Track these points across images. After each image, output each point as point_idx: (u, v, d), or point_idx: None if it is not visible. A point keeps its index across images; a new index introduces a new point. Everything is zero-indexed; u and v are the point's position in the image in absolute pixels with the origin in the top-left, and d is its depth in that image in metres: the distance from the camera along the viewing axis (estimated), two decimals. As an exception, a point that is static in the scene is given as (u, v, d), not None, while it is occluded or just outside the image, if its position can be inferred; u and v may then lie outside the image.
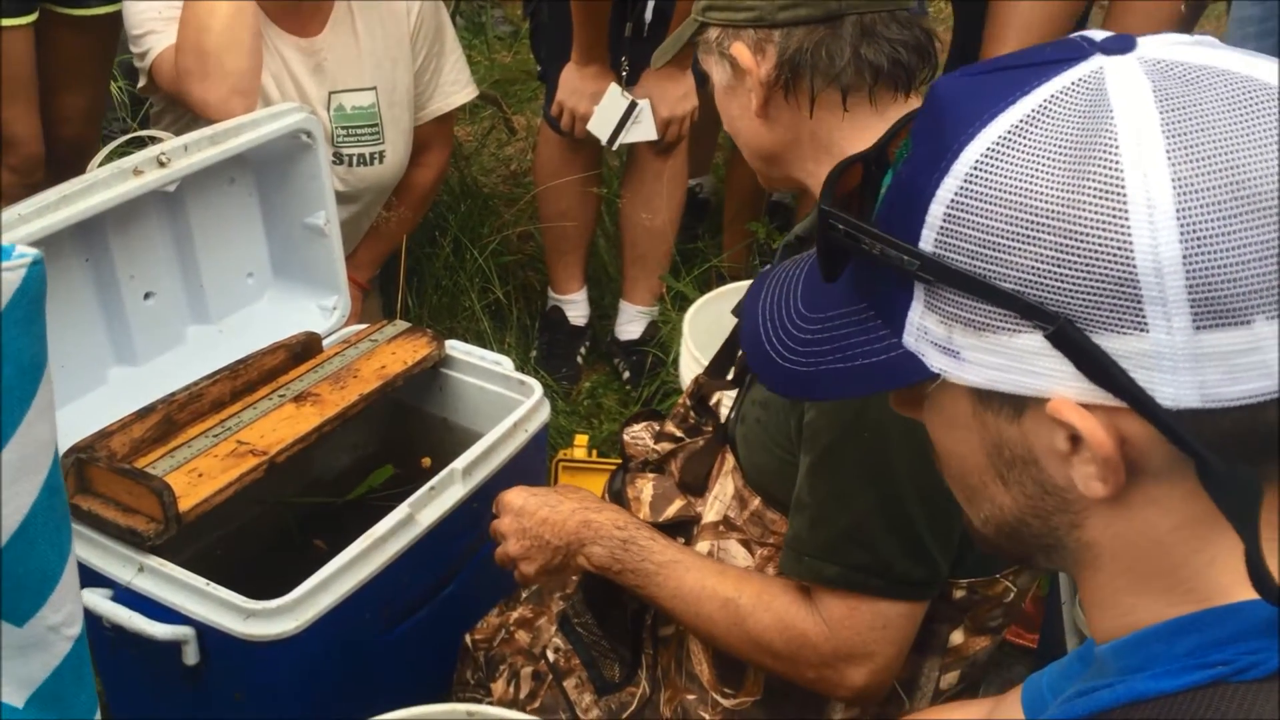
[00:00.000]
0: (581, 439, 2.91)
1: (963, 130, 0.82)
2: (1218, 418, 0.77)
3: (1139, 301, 0.76)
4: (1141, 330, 0.76)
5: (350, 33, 2.90)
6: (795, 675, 1.61)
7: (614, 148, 3.25)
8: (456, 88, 3.19)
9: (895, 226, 0.85)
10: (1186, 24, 3.31)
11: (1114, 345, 0.77)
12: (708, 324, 2.70)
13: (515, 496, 1.78)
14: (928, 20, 1.65)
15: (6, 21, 2.76)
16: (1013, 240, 0.79)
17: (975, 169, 0.80)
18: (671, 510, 1.82)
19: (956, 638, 1.67)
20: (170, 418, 2.07)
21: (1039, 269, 0.78)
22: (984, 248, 0.80)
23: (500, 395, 2.33)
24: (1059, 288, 0.78)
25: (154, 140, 2.13)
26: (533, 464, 2.26)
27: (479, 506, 2.09)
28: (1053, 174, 0.78)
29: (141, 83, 2.78)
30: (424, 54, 3.07)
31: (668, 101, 3.16)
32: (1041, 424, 0.82)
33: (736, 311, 1.82)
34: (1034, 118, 0.80)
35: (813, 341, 0.94)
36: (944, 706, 1.61)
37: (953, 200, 0.81)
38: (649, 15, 3.13)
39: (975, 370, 0.83)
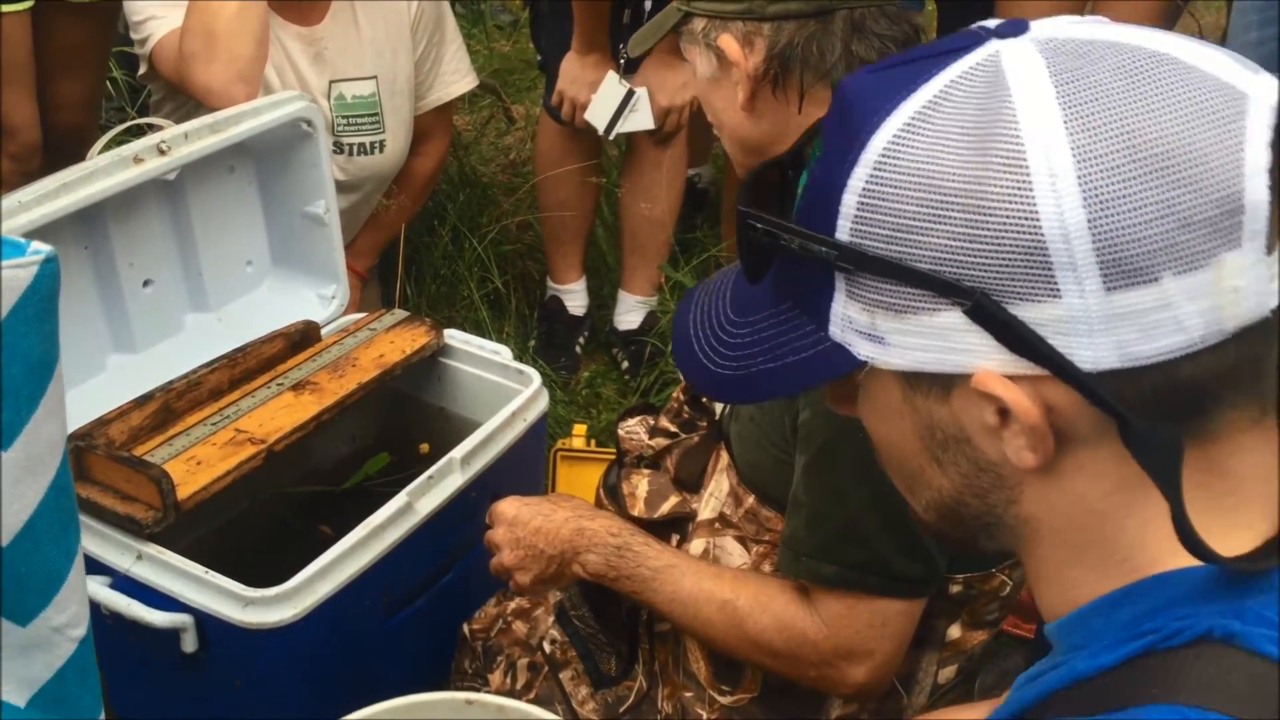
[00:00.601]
0: (580, 429, 2.91)
1: (869, 121, 0.84)
2: (1136, 377, 0.79)
3: (1050, 269, 0.78)
4: (1055, 297, 0.78)
5: (351, 22, 2.90)
6: (796, 674, 1.61)
7: (610, 137, 3.24)
8: (457, 77, 3.18)
9: (812, 220, 0.87)
10: (1169, 19, 3.30)
11: (1030, 314, 0.79)
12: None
13: (508, 506, 1.77)
14: (919, 15, 1.65)
15: (4, 7, 2.76)
16: (924, 221, 0.81)
17: (883, 156, 0.82)
18: (666, 507, 1.82)
19: (954, 632, 1.67)
20: (169, 406, 2.08)
21: (952, 246, 0.80)
22: (898, 231, 0.82)
23: (499, 384, 2.33)
24: (973, 263, 0.79)
25: (153, 128, 2.13)
26: (531, 453, 2.27)
27: (477, 496, 2.10)
28: (957, 154, 0.80)
29: (142, 70, 2.77)
30: (424, 43, 3.07)
31: (666, 90, 3.16)
32: (970, 401, 0.84)
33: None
34: (936, 103, 0.82)
35: (742, 345, 0.96)
36: (949, 709, 1.61)
37: (864, 189, 0.83)
38: (649, 3, 3.12)
39: (900, 354, 0.85)
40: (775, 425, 1.60)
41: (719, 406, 1.87)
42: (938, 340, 0.83)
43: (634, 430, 2.01)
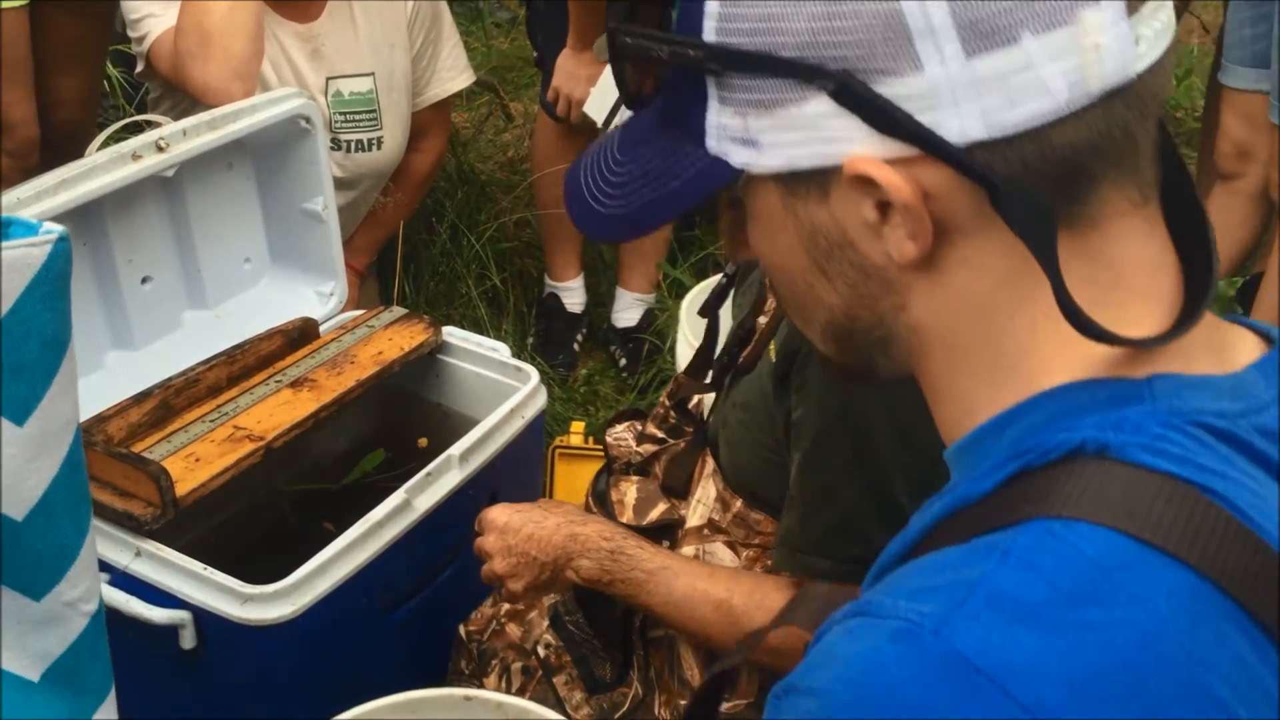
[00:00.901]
0: (578, 426, 2.91)
1: None
2: (1006, 149, 0.79)
3: (909, 39, 0.78)
4: (917, 68, 0.78)
5: (348, 19, 2.90)
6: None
7: (609, 130, 3.24)
8: (454, 73, 3.19)
9: (681, 27, 0.87)
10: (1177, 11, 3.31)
11: (895, 90, 0.79)
12: (704, 312, 2.70)
13: (499, 514, 1.76)
14: None
15: (3, 3, 2.76)
16: (784, 8, 0.81)
17: None
18: (655, 514, 1.82)
19: None
20: (167, 403, 2.08)
21: (813, 29, 0.80)
22: (760, 22, 0.82)
23: (497, 382, 2.33)
24: (834, 42, 0.79)
25: (152, 125, 2.13)
26: (529, 451, 2.27)
27: (475, 493, 2.10)
28: None
29: (139, 68, 2.78)
30: (421, 39, 3.07)
31: None
32: (846, 197, 0.84)
33: (703, 312, 1.82)
34: None
35: (627, 180, 0.95)
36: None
37: None
38: None
39: (774, 153, 0.85)
40: (765, 427, 1.60)
41: (706, 411, 1.87)
42: (808, 131, 0.82)
43: (622, 437, 2.01)
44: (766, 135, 0.85)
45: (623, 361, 3.51)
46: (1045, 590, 0.75)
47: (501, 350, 2.38)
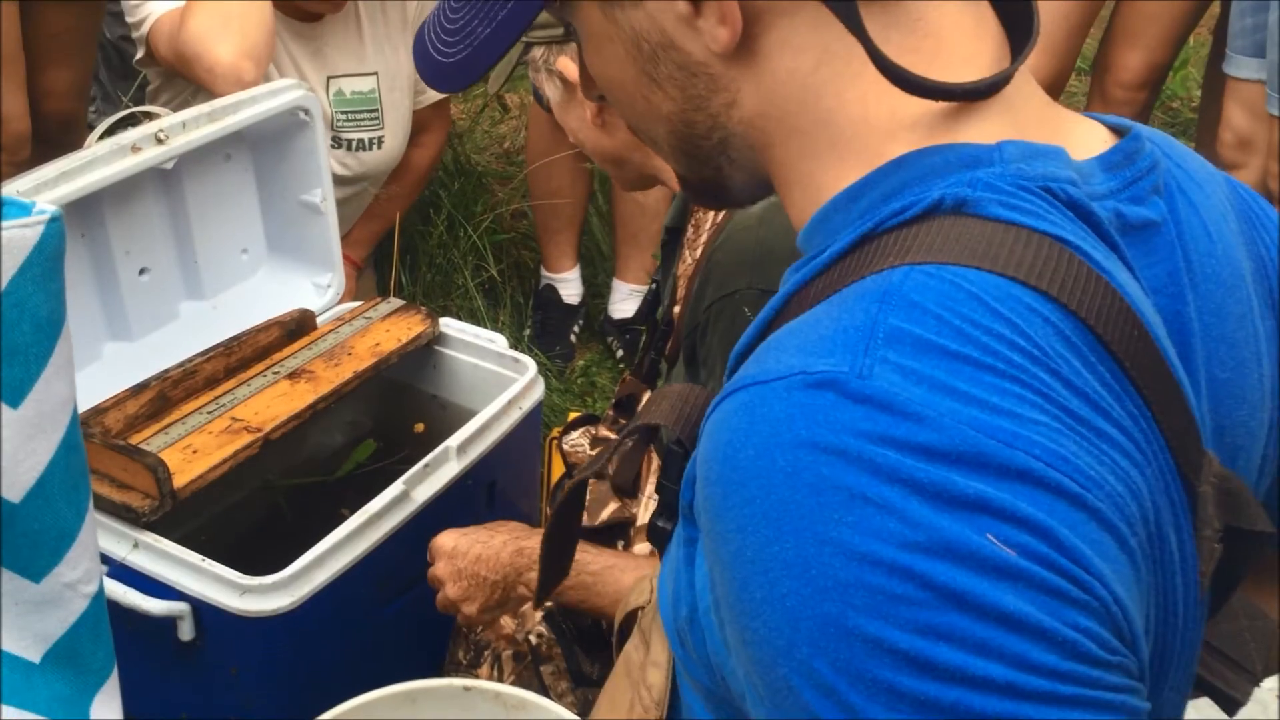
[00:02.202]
0: (575, 417, 2.91)
1: None
2: None
3: None
4: None
5: (352, 18, 2.90)
6: None
7: None
8: (455, 69, 3.18)
9: None
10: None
11: None
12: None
13: (446, 539, 1.78)
14: None
15: None
16: None
17: None
18: (605, 513, 1.83)
19: None
20: (164, 394, 2.08)
21: None
22: None
23: (494, 373, 2.33)
24: None
25: (149, 116, 2.13)
26: (527, 442, 2.27)
27: (473, 484, 2.10)
28: None
29: (139, 54, 2.76)
30: (422, 37, 3.06)
31: None
32: None
33: (636, 320, 1.83)
34: None
35: (462, 26, 0.97)
36: None
37: None
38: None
39: None
40: None
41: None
42: None
43: (578, 443, 2.02)
44: None
45: (620, 352, 3.52)
46: (935, 324, 0.75)
47: (499, 341, 2.38)
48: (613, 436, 1.95)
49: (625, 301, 3.56)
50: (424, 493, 2.00)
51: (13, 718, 1.06)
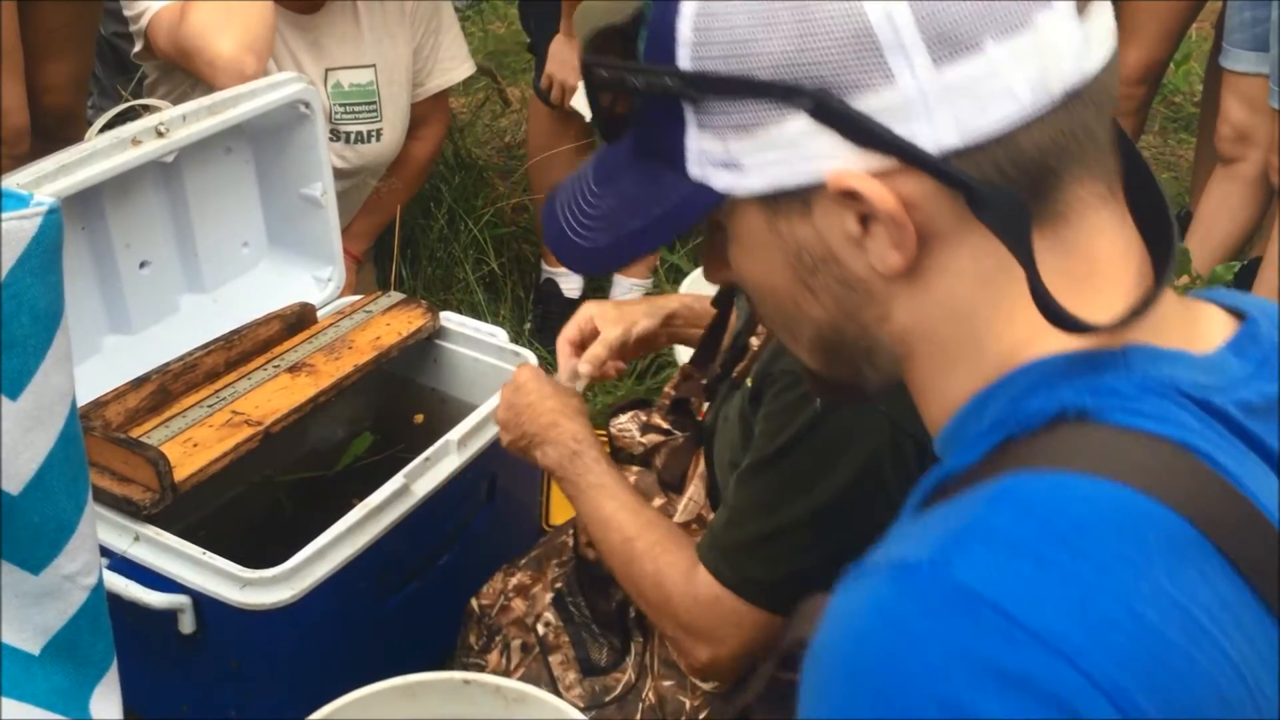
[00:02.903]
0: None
1: None
2: (978, 155, 0.81)
3: (880, 52, 0.80)
4: (889, 81, 0.81)
5: (350, 10, 2.90)
6: (658, 626, 1.68)
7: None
8: (455, 63, 3.18)
9: (654, 57, 0.89)
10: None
11: (870, 104, 0.81)
12: (702, 297, 2.70)
13: (525, 374, 1.84)
14: None
15: None
16: (756, 30, 0.83)
17: None
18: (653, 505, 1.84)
19: None
20: (165, 388, 2.08)
21: (786, 50, 0.82)
22: (734, 46, 0.84)
23: (494, 367, 2.33)
24: (808, 62, 0.81)
25: (149, 109, 2.13)
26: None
27: (474, 478, 2.10)
28: None
29: (137, 48, 2.76)
30: (422, 30, 3.06)
31: None
32: (829, 212, 0.85)
33: (716, 303, 1.83)
34: None
35: (608, 212, 0.97)
36: None
37: (696, 13, 0.85)
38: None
39: (756, 174, 0.86)
40: (741, 447, 1.63)
41: (705, 408, 1.88)
42: (788, 151, 0.84)
43: (626, 427, 2.02)
44: (748, 157, 0.86)
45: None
46: (1037, 527, 0.76)
47: (499, 335, 2.38)
48: (664, 424, 1.96)
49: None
50: (424, 486, 2.00)
51: (12, 712, 1.06)
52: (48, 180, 1.91)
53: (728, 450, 1.68)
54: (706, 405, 1.89)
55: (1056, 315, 0.82)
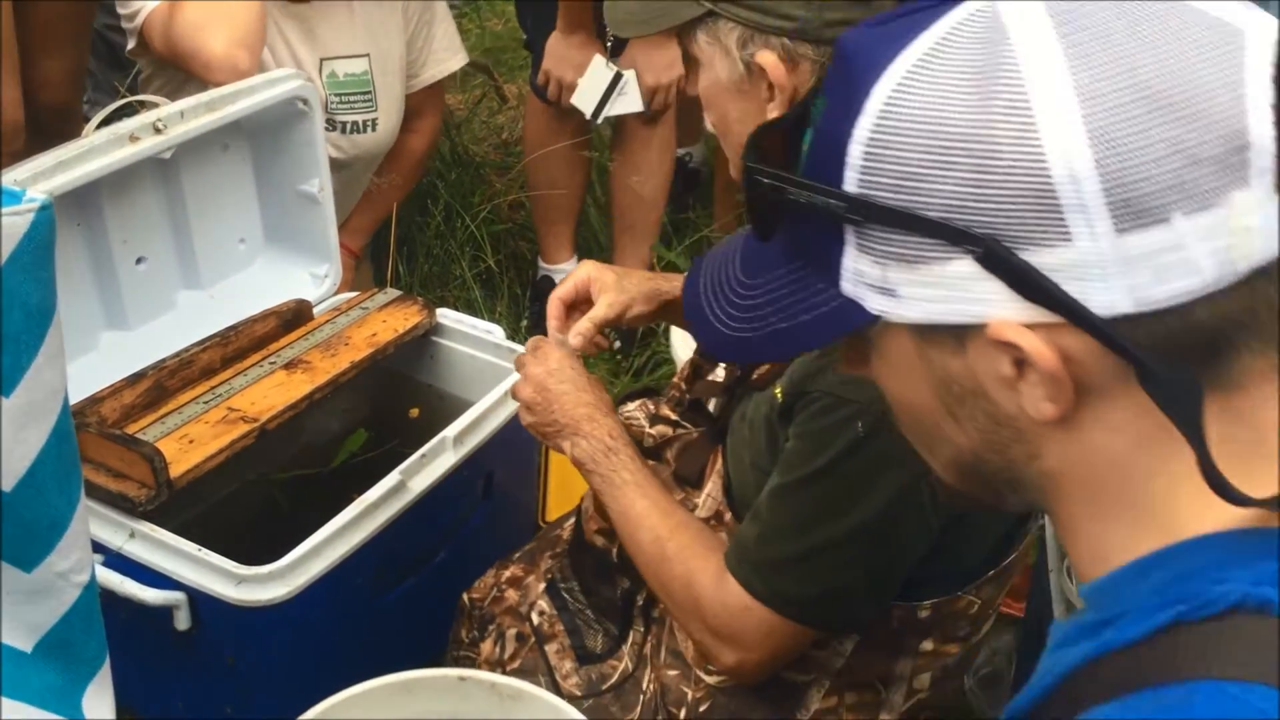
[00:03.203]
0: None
1: (870, 72, 0.84)
2: (1151, 322, 0.78)
3: (1060, 211, 0.77)
4: (1066, 240, 0.77)
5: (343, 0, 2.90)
6: (685, 627, 1.67)
7: (599, 121, 3.24)
8: (448, 54, 3.18)
9: (819, 174, 0.86)
10: None
11: (1043, 259, 0.78)
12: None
13: (558, 357, 1.78)
14: None
15: None
16: (931, 168, 0.80)
17: (886, 106, 0.82)
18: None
19: (927, 645, 1.69)
20: (161, 384, 2.08)
21: (960, 193, 0.79)
22: (905, 179, 0.81)
23: (491, 364, 2.33)
24: (982, 209, 0.79)
25: (146, 105, 2.12)
26: (523, 433, 2.26)
27: (470, 475, 2.10)
28: (960, 99, 0.80)
29: (130, 44, 2.76)
30: (415, 21, 3.06)
31: (653, 69, 3.15)
32: (984, 353, 0.83)
33: None
34: (935, 50, 0.82)
35: (755, 306, 0.95)
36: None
37: (869, 139, 0.83)
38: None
39: (913, 306, 0.84)
40: (764, 450, 1.62)
41: (714, 405, 1.88)
42: (950, 290, 0.82)
43: (634, 415, 2.01)
44: (906, 288, 0.84)
45: (617, 344, 3.51)
46: None
47: (496, 332, 2.38)
48: (673, 415, 1.95)
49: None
50: (421, 483, 2.00)
51: (5, 711, 1.06)
52: (45, 176, 1.90)
53: (747, 451, 1.68)
54: (714, 401, 1.88)
55: (1226, 492, 0.79)
